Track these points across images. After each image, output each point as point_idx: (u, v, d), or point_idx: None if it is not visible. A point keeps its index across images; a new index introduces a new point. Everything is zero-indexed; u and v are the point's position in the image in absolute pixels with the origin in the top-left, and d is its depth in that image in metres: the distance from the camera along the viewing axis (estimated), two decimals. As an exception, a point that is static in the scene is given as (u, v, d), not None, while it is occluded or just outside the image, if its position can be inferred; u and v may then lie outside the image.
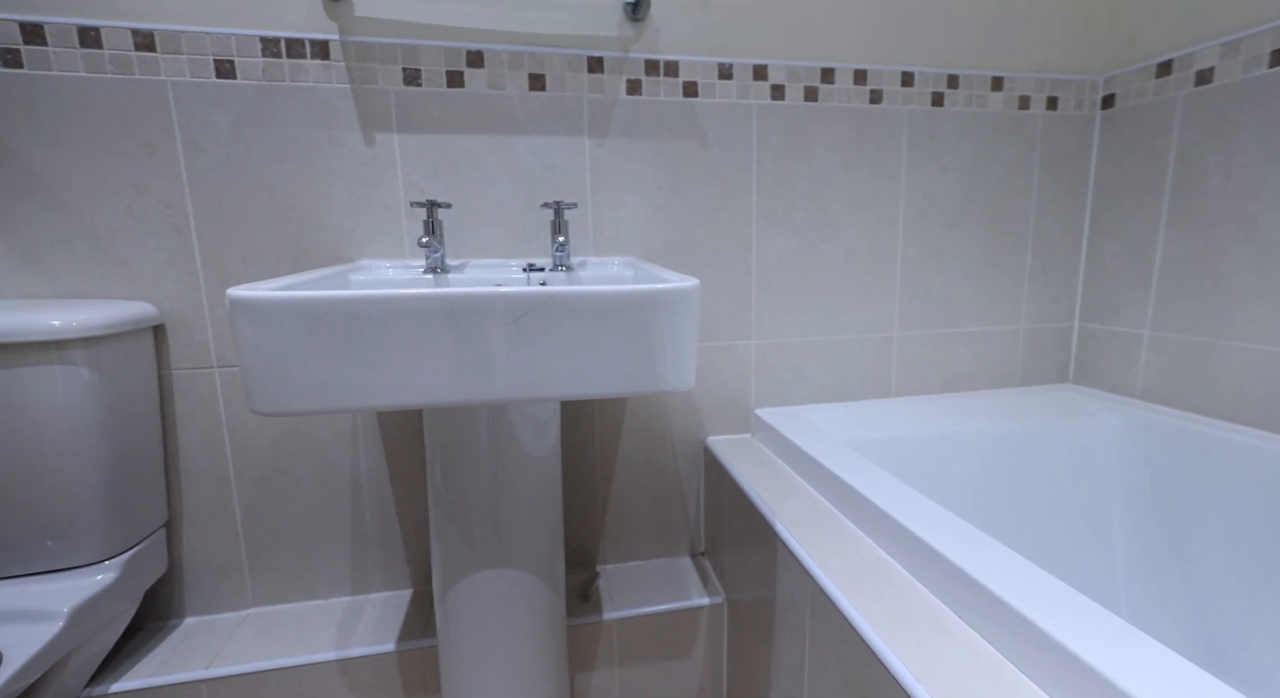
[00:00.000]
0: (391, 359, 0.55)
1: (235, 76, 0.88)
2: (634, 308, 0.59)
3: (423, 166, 0.95)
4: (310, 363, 0.54)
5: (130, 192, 0.88)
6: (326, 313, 0.54)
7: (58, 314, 0.76)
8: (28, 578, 0.79)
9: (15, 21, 0.82)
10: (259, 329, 0.53)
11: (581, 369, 0.59)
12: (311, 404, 0.55)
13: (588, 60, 0.97)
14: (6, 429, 0.75)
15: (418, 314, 0.55)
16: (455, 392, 0.57)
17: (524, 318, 0.57)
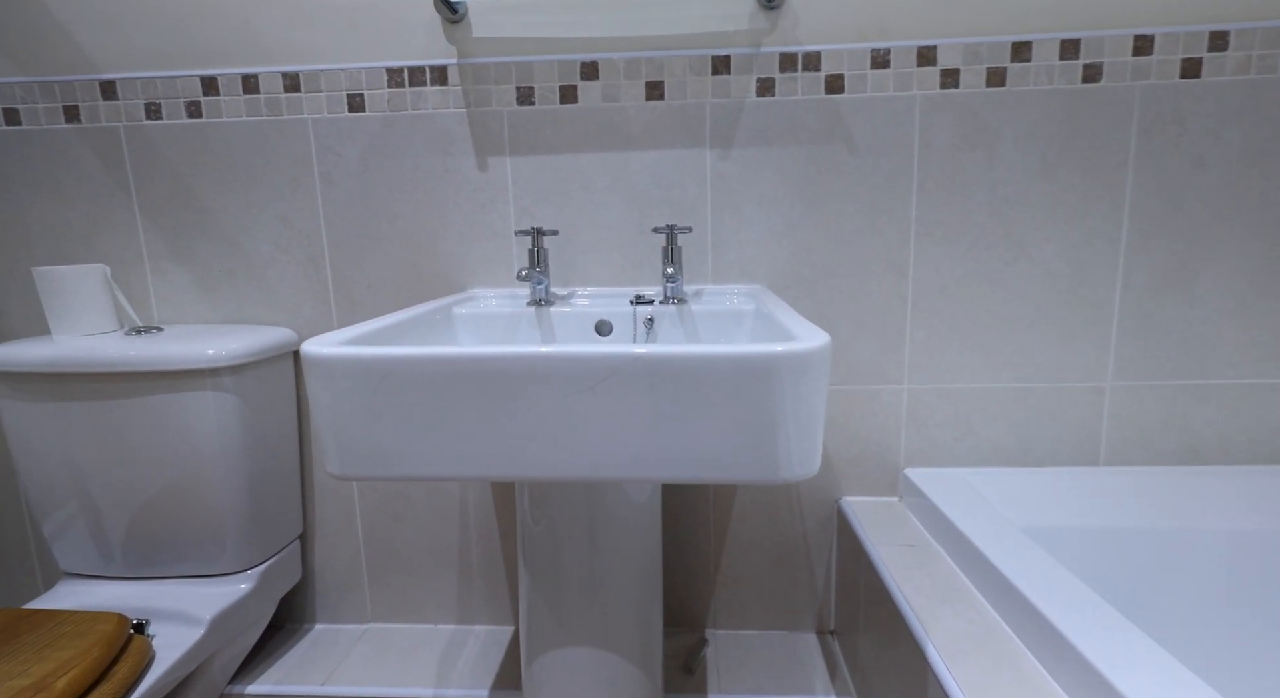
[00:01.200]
0: (456, 426, 0.49)
1: (364, 109, 0.90)
2: (742, 376, 0.46)
3: (533, 190, 0.90)
4: (375, 426, 0.50)
5: (278, 224, 0.94)
6: (388, 373, 0.49)
7: (213, 343, 0.83)
8: (180, 580, 0.88)
9: (197, 76, 0.90)
10: (326, 388, 0.50)
11: (673, 448, 0.48)
12: (379, 471, 0.51)
13: (712, 61, 0.85)
14: (167, 446, 0.83)
15: (478, 377, 0.48)
16: (523, 466, 0.50)
17: (601, 384, 0.47)
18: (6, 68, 0.92)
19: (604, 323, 0.81)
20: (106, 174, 0.94)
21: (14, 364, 0.81)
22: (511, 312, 0.81)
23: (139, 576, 0.89)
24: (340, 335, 0.55)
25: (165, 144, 0.92)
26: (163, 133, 0.92)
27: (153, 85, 0.91)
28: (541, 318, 0.81)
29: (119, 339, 0.85)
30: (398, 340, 0.64)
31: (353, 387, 0.49)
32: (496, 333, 0.80)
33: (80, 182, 0.94)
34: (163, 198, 0.94)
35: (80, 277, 0.88)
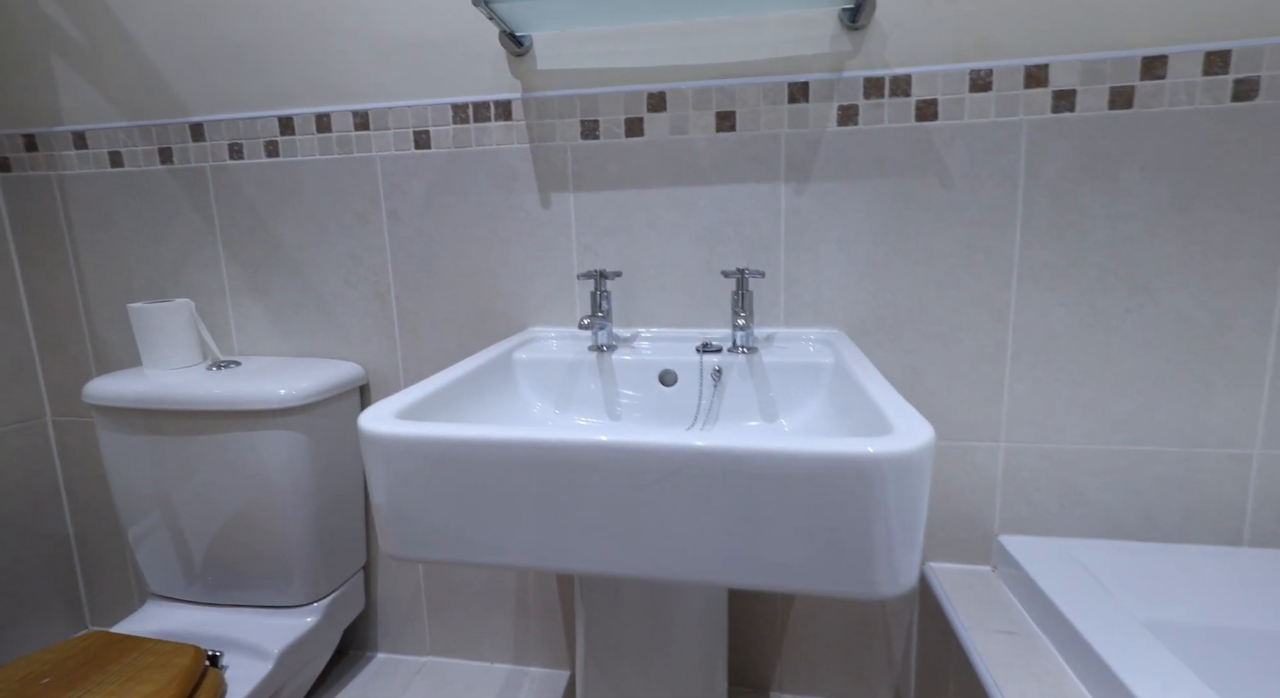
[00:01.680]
0: (513, 514, 0.46)
1: (430, 146, 0.89)
2: (830, 478, 0.41)
3: (596, 226, 0.87)
4: (431, 507, 0.48)
5: (347, 261, 0.95)
6: (443, 457, 0.46)
7: (284, 383, 0.84)
8: (253, 610, 0.90)
9: (275, 116, 0.93)
10: (382, 467, 0.48)
11: (746, 551, 0.43)
12: (434, 554, 0.49)
13: (789, 88, 0.79)
14: (242, 480, 0.85)
15: (536, 464, 0.45)
16: (582, 560, 0.46)
17: (668, 479, 0.43)
18: (112, 113, 0.97)
19: (668, 373, 0.76)
20: (195, 212, 0.98)
21: (110, 399, 0.86)
22: (573, 358, 0.78)
23: (215, 602, 0.92)
24: (398, 403, 0.53)
25: (246, 182, 0.95)
26: (244, 172, 0.95)
27: (235, 126, 0.94)
28: (603, 366, 0.78)
29: (202, 375, 0.88)
30: (457, 400, 0.62)
31: (409, 467, 0.47)
32: (556, 382, 0.78)
33: (172, 219, 0.99)
34: (243, 234, 0.97)
35: (169, 313, 0.92)
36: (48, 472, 1.09)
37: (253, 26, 0.91)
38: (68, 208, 1.01)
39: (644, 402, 0.76)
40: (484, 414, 0.67)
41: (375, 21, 0.87)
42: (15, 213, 1.03)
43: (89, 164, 0.99)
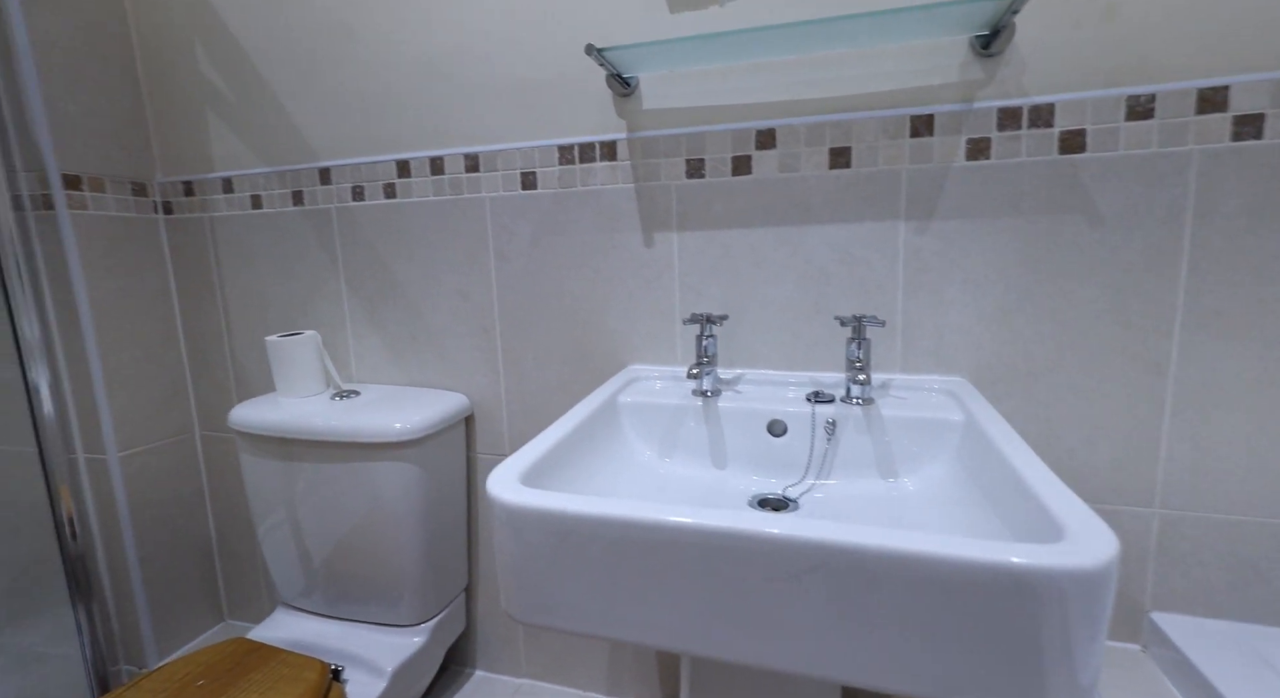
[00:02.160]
0: (638, 592, 0.46)
1: (536, 187, 0.91)
2: (998, 589, 0.37)
3: (700, 266, 0.86)
4: (555, 577, 0.48)
5: (456, 297, 0.99)
6: (570, 532, 0.46)
7: (399, 416, 0.89)
8: (367, 625, 0.96)
9: (394, 160, 0.98)
10: (509, 535, 0.49)
11: (890, 657, 0.40)
12: (556, 622, 0.49)
13: (911, 121, 0.74)
14: (359, 505, 0.91)
15: (665, 546, 0.44)
16: (706, 645, 0.45)
17: (807, 575, 0.41)
18: (253, 160, 1.07)
19: (778, 423, 0.74)
20: (321, 249, 1.05)
21: (250, 426, 0.94)
22: (677, 404, 0.77)
23: (334, 615, 0.99)
24: (518, 465, 0.54)
25: (366, 222, 1.02)
26: (364, 212, 1.01)
27: (358, 170, 1.00)
28: (709, 412, 0.77)
29: (326, 404, 0.95)
30: (572, 451, 0.63)
31: (536, 538, 0.48)
32: (660, 427, 0.77)
33: (302, 256, 1.07)
34: (363, 270, 1.04)
35: (298, 346, 0.99)
36: (195, 481, 1.22)
37: (375, 77, 0.96)
38: (217, 246, 1.12)
39: (751, 451, 0.74)
40: (594, 463, 0.67)
41: (487, 67, 0.90)
42: (175, 251, 1.15)
43: (234, 206, 1.09)
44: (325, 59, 0.98)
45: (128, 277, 1.09)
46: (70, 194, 1.00)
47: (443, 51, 0.92)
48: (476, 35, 0.90)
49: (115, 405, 1.07)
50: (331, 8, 0.96)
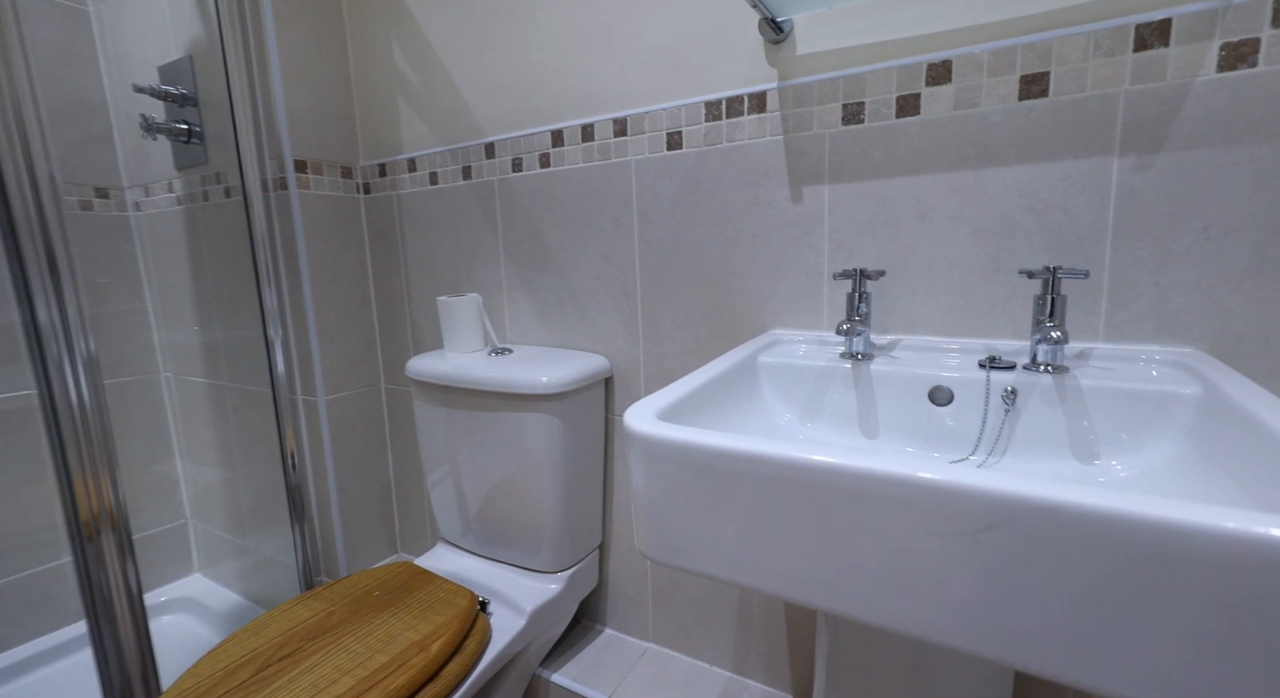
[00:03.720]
0: (780, 538, 0.42)
1: (681, 146, 0.90)
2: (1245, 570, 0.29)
3: (853, 221, 0.79)
4: (690, 516, 0.46)
5: (600, 261, 1.02)
6: (706, 466, 0.44)
7: (546, 371, 0.94)
8: (511, 568, 1.03)
9: (548, 131, 1.04)
10: (644, 467, 0.48)
11: (1086, 641, 0.33)
12: (689, 563, 0.47)
13: (1136, 31, 0.61)
14: (509, 453, 0.98)
15: (813, 488, 0.40)
16: (853, 604, 0.40)
17: (985, 533, 0.35)
18: (433, 142, 1.19)
19: (941, 390, 0.65)
20: (484, 219, 1.15)
21: (421, 375, 1.05)
22: (823, 366, 0.72)
23: (484, 555, 1.08)
24: (655, 404, 0.53)
25: (523, 192, 1.09)
26: (521, 183, 1.08)
27: (517, 143, 1.07)
28: (859, 376, 0.70)
29: (484, 359, 1.04)
30: (705, 404, 0.61)
31: (671, 472, 0.46)
32: (804, 390, 0.72)
33: (469, 226, 1.17)
34: (519, 238, 1.11)
35: (463, 306, 1.09)
36: (380, 428, 1.40)
37: (533, 53, 1.02)
38: (402, 219, 1.27)
39: (908, 420, 0.67)
40: (731, 419, 0.65)
41: (635, 29, 0.91)
42: (371, 225, 1.33)
43: (416, 184, 1.23)
44: (492, 41, 1.07)
45: (336, 248, 1.28)
46: (299, 177, 1.20)
47: (593, 20, 0.95)
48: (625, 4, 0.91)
49: (324, 357, 1.27)
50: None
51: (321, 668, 0.75)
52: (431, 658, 0.77)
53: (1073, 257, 0.66)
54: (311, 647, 0.80)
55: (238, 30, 1.13)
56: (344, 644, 0.80)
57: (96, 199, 1.51)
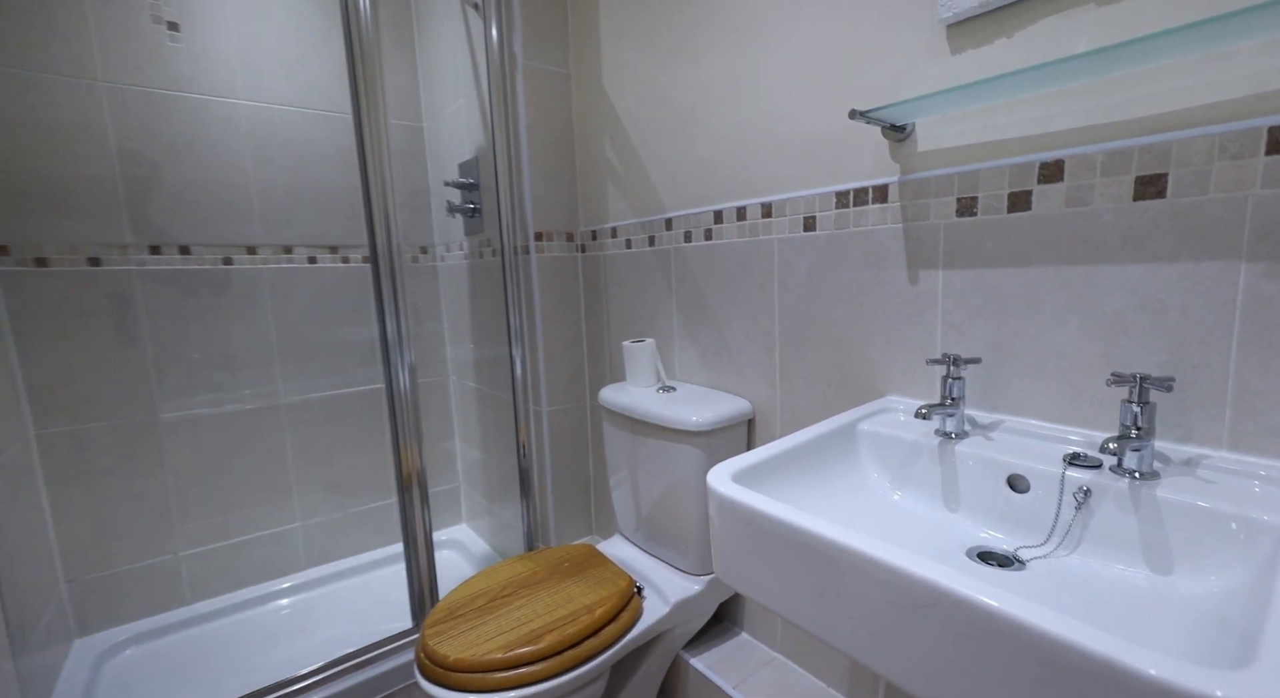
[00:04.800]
0: (804, 589, 0.58)
1: (815, 228, 1.04)
2: None
3: (965, 305, 0.84)
4: (747, 557, 0.64)
5: (748, 320, 1.20)
6: (751, 521, 0.62)
7: (697, 411, 1.16)
8: (664, 565, 1.28)
9: (711, 211, 1.26)
10: (716, 513, 0.67)
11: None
12: (748, 591, 0.65)
13: (1269, 134, 0.58)
14: (666, 474, 1.22)
15: (814, 552, 0.55)
16: (889, 671, 0.50)
17: (926, 610, 0.47)
18: (629, 214, 1.50)
19: (1019, 479, 0.70)
20: (662, 279, 1.42)
21: (607, 403, 1.36)
22: (914, 440, 0.81)
23: (645, 549, 1.35)
24: (738, 465, 0.72)
25: (692, 259, 1.32)
26: (691, 252, 1.32)
27: (688, 219, 1.31)
28: (944, 454, 0.78)
29: (654, 395, 1.30)
30: (807, 458, 0.76)
31: (733, 523, 0.65)
32: (896, 459, 0.82)
33: (651, 283, 1.45)
34: (687, 296, 1.35)
35: (640, 350, 1.38)
36: (584, 435, 1.78)
37: (705, 145, 1.24)
38: (605, 275, 1.62)
39: (987, 501, 0.73)
40: (823, 478, 0.79)
41: (782, 128, 1.07)
42: (585, 278, 1.71)
43: (617, 247, 1.56)
44: (675, 136, 1.32)
45: (560, 294, 1.68)
46: (536, 243, 1.62)
47: (749, 120, 1.13)
48: (776, 103, 1.08)
49: (548, 377, 1.68)
50: (684, 96, 1.28)
51: (524, 610, 1.10)
52: (595, 620, 1.06)
53: (1192, 357, 0.65)
54: (522, 593, 1.15)
55: (504, 140, 1.58)
56: (539, 596, 1.14)
57: (420, 255, 2.19)
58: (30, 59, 1.51)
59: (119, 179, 1.63)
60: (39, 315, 1.56)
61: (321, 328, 1.96)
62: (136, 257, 1.68)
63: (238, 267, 1.82)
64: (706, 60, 1.21)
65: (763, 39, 1.08)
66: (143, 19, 1.65)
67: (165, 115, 1.69)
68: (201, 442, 1.79)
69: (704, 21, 1.20)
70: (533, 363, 1.67)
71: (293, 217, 1.90)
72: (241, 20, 1.78)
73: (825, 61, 0.98)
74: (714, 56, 1.19)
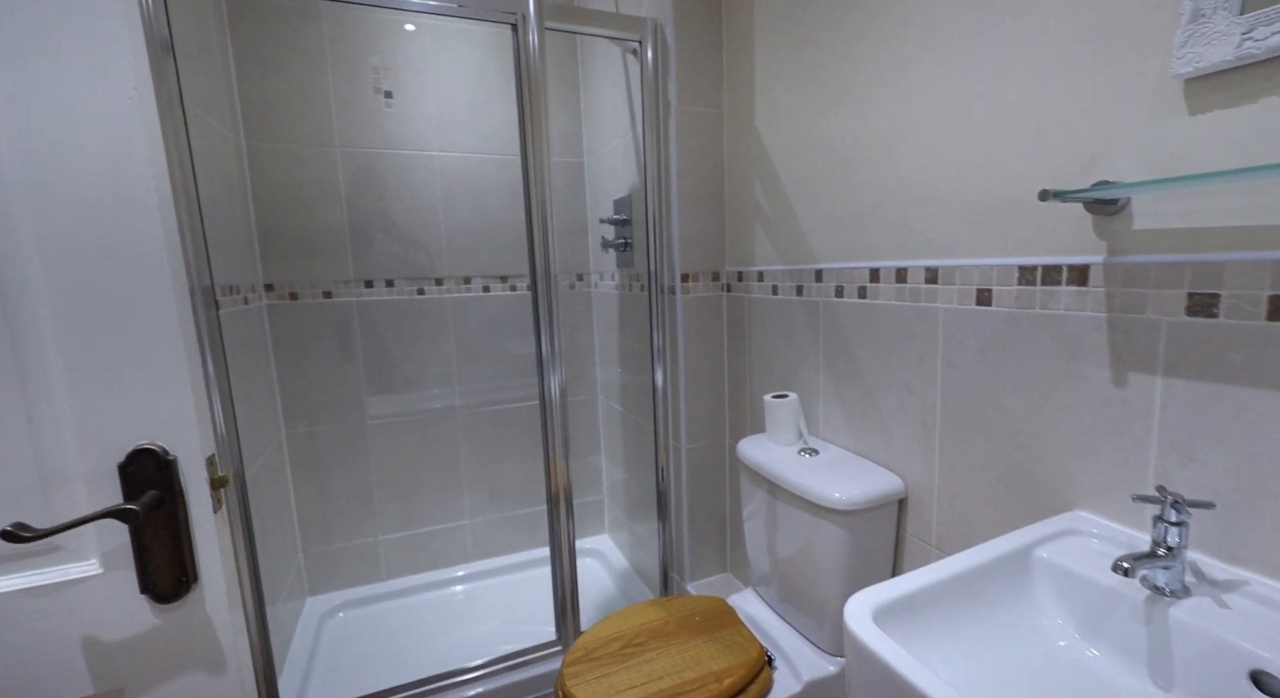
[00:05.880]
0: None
1: (990, 304, 0.91)
2: None
3: (1195, 423, 0.68)
4: (872, 706, 0.60)
5: (903, 390, 1.10)
6: (886, 683, 0.57)
7: (840, 486, 1.09)
8: (796, 634, 1.23)
9: (867, 267, 1.16)
10: (851, 656, 0.63)
11: None
12: (870, 737, 0.61)
13: None
14: (800, 542, 1.17)
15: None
16: None
17: None
18: (777, 260, 1.45)
19: (1268, 678, 0.55)
20: (809, 331, 1.35)
21: (744, 458, 1.34)
22: (1109, 586, 0.68)
23: (778, 611, 1.31)
24: (881, 596, 0.66)
25: (842, 315, 1.24)
26: (841, 308, 1.24)
27: (841, 273, 1.23)
28: (1152, 616, 0.64)
29: (794, 458, 1.25)
30: (963, 593, 0.68)
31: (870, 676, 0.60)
32: (1083, 603, 0.69)
33: (797, 334, 1.39)
34: (836, 352, 1.27)
35: (782, 407, 1.33)
36: (721, 474, 1.77)
37: (862, 194, 1.15)
38: (750, 318, 1.58)
39: (1215, 691, 0.58)
40: (987, 612, 0.69)
41: (953, 186, 0.95)
42: (729, 318, 1.69)
43: (763, 292, 1.51)
44: (830, 184, 1.24)
45: (703, 332, 1.68)
46: (683, 285, 1.64)
47: (915, 175, 1.02)
48: (949, 159, 0.96)
49: (689, 414, 1.70)
50: (842, 143, 1.20)
51: (655, 664, 1.13)
52: (722, 689, 1.06)
53: None
54: (654, 644, 1.19)
55: (655, 181, 1.62)
56: (670, 650, 1.16)
57: (577, 281, 2.34)
58: (292, 134, 1.88)
59: (346, 227, 1.97)
60: (290, 339, 1.95)
61: (491, 348, 2.20)
62: (355, 290, 2.01)
63: (428, 296, 2.11)
64: (870, 106, 1.11)
65: (938, 88, 0.97)
66: (367, 91, 1.96)
67: (380, 171, 2.00)
68: (396, 443, 2.11)
69: (870, 64, 1.11)
70: (674, 399, 1.70)
71: (472, 251, 2.14)
72: (439, 83, 2.03)
73: (1011, 116, 0.85)
74: (879, 103, 1.09)
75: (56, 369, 0.52)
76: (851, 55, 1.14)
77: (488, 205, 2.15)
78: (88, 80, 0.49)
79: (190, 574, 0.57)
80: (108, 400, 0.53)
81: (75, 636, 0.54)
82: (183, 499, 0.55)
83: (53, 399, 0.52)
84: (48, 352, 0.51)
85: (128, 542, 0.55)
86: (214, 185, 1.54)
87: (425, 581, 2.17)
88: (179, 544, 0.55)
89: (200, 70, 1.54)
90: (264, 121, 1.84)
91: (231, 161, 1.73)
